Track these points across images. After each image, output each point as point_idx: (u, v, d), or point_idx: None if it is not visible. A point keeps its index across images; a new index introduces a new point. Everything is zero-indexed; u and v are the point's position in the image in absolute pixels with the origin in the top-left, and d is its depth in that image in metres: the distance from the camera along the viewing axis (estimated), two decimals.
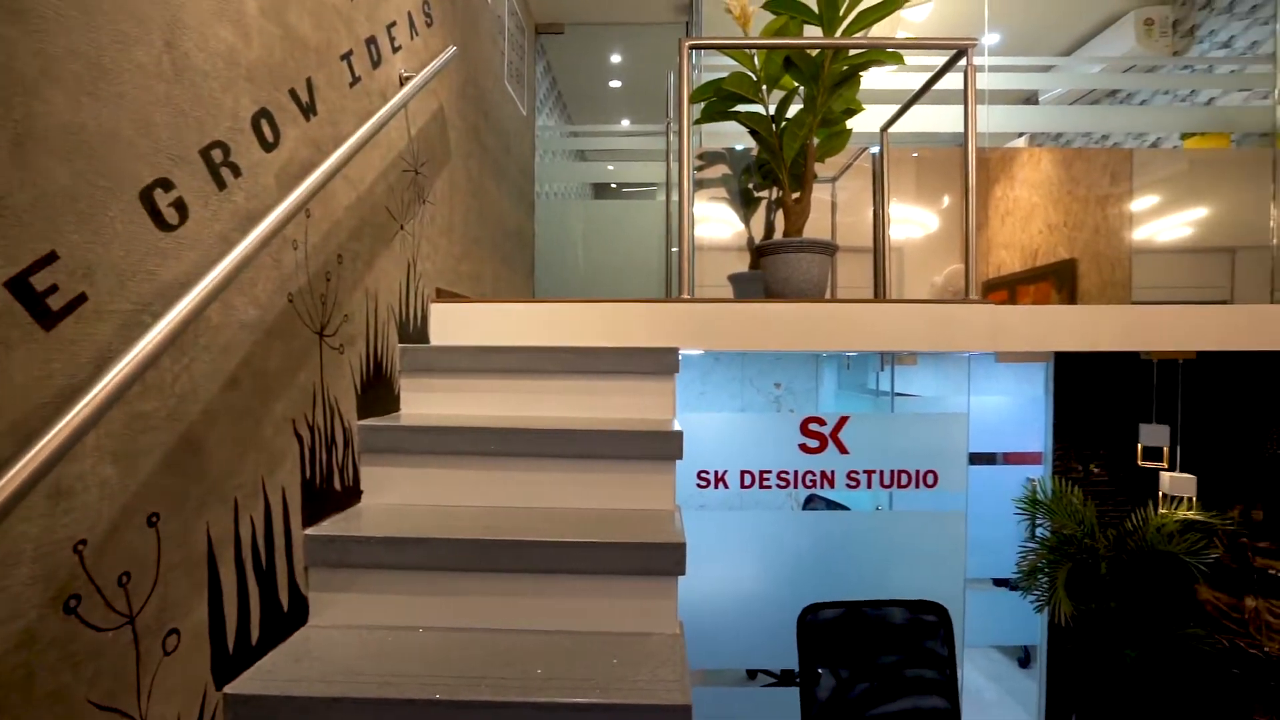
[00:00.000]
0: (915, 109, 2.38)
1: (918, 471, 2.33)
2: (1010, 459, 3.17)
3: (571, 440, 1.42)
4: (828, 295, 2.14)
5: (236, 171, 0.95)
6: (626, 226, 3.53)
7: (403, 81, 1.52)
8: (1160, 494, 2.54)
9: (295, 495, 1.13)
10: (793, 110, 2.05)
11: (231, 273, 0.84)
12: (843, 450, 2.28)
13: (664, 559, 1.21)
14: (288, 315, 1.09)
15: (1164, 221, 2.89)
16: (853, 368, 3.81)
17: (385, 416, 1.47)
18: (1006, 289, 2.96)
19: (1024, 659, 3.40)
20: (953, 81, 1.87)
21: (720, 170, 2.56)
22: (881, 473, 2.31)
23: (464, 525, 1.27)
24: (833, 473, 2.28)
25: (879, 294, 2.44)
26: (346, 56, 1.28)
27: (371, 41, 1.39)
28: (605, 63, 4.17)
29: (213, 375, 0.91)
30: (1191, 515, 2.43)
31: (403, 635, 1.17)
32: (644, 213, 3.57)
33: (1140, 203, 2.84)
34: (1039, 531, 2.71)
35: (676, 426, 1.43)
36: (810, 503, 2.85)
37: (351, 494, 1.34)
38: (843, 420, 2.29)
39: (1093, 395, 2.81)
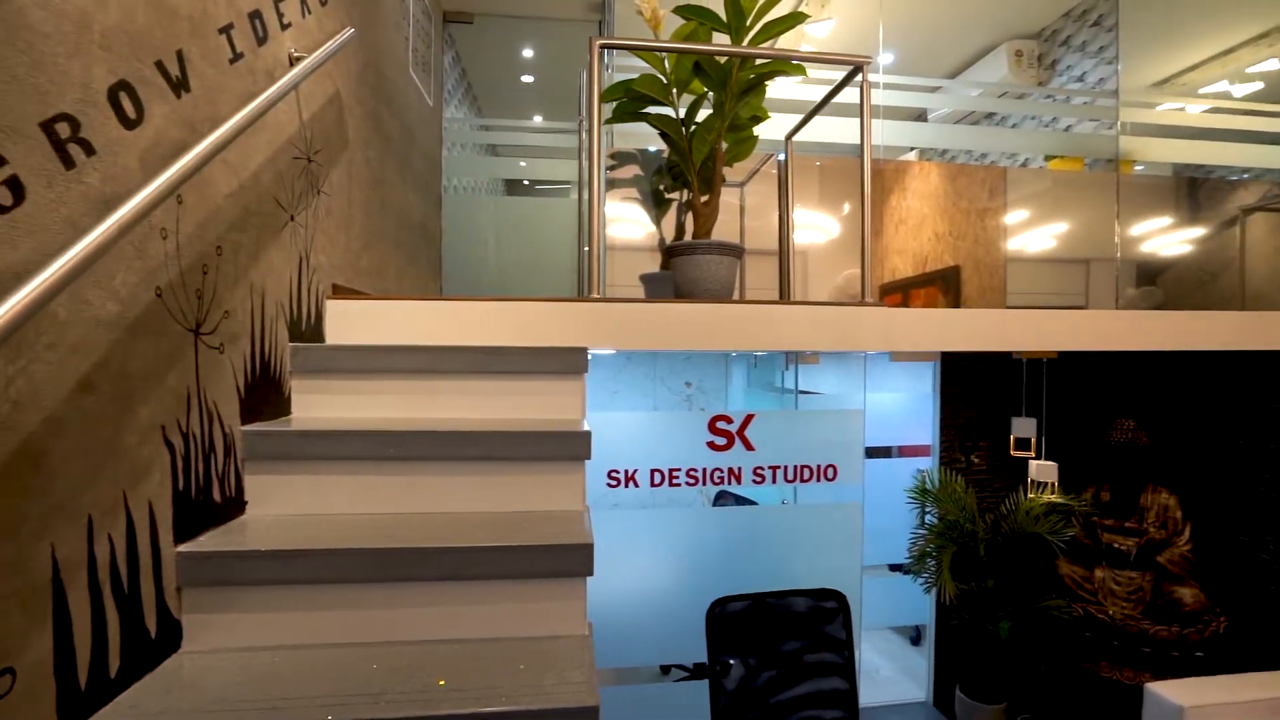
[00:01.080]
0: (818, 120, 2.49)
1: (819, 466, 2.45)
2: (904, 452, 3.39)
3: (477, 442, 1.38)
4: (735, 296, 2.20)
5: (89, 149, 0.85)
6: (539, 224, 3.48)
7: (293, 61, 1.42)
8: (1029, 480, 2.81)
9: (165, 509, 1.02)
10: (702, 115, 2.10)
11: (81, 263, 0.75)
12: (749, 447, 2.36)
13: (572, 560, 1.20)
14: (156, 311, 0.98)
15: (1032, 234, 3.19)
16: (760, 366, 3.95)
17: (274, 421, 1.37)
18: (900, 293, 3.16)
19: (916, 637, 3.65)
20: (852, 95, 1.97)
21: (632, 171, 2.58)
22: (785, 468, 2.41)
23: (361, 534, 1.20)
24: (739, 469, 2.36)
25: (784, 296, 2.54)
26: (226, 30, 1.18)
27: (256, 16, 1.29)
28: (517, 56, 4.09)
29: (58, 378, 0.81)
30: (1054, 499, 2.70)
31: (293, 655, 1.09)
32: (557, 211, 3.53)
33: (1013, 216, 3.12)
34: (928, 519, 2.93)
35: (585, 427, 1.43)
36: (721, 499, 2.93)
37: (234, 505, 1.23)
38: (748, 418, 2.37)
39: (973, 392, 3.06)
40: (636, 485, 2.30)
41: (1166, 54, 3.58)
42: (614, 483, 2.31)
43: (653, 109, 2.08)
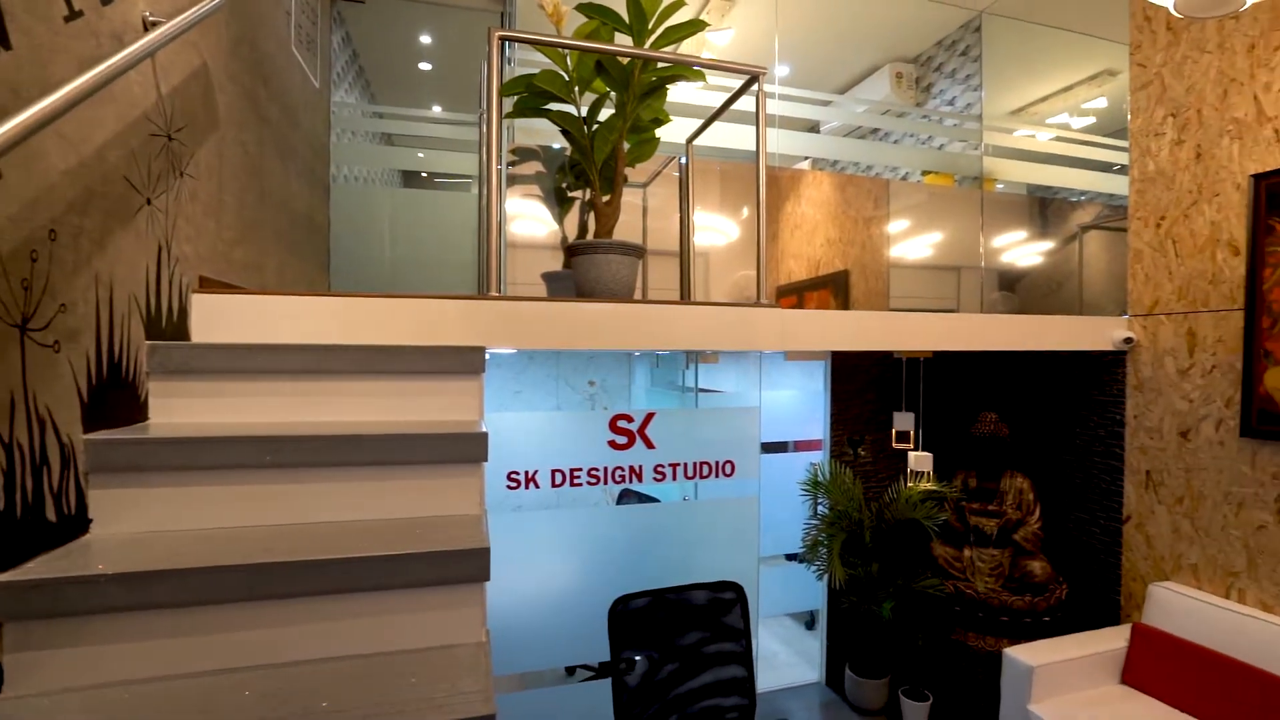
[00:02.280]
0: (720, 126, 2.57)
1: (718, 462, 2.53)
2: (800, 446, 3.56)
3: (366, 446, 1.30)
4: (637, 296, 2.22)
5: None
6: (438, 219, 3.35)
7: (148, 26, 1.28)
8: (908, 470, 3.03)
9: None
10: (604, 114, 2.10)
11: None
12: (649, 445, 2.40)
13: (467, 566, 1.16)
14: None
15: (911, 242, 3.45)
16: (663, 365, 4.02)
17: (126, 428, 1.22)
18: (795, 295, 3.32)
19: (810, 622, 3.85)
20: (751, 104, 2.04)
21: (535, 167, 2.54)
22: (685, 465, 2.47)
23: (232, 550, 1.10)
24: (640, 467, 2.39)
25: (684, 296, 2.59)
26: None
27: None
28: (414, 43, 3.92)
29: None
30: (929, 486, 2.93)
31: (148, 689, 0.98)
32: (457, 205, 3.41)
33: (895, 225, 3.36)
34: (820, 509, 3.09)
35: (483, 428, 1.39)
36: (624, 497, 2.95)
37: (74, 524, 1.09)
38: (649, 416, 2.41)
39: (860, 388, 3.26)
40: (537, 486, 2.27)
41: (1020, 86, 4.00)
42: (514, 484, 2.26)
43: (555, 105, 2.06)
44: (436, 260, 3.29)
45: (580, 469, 2.32)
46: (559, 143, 2.53)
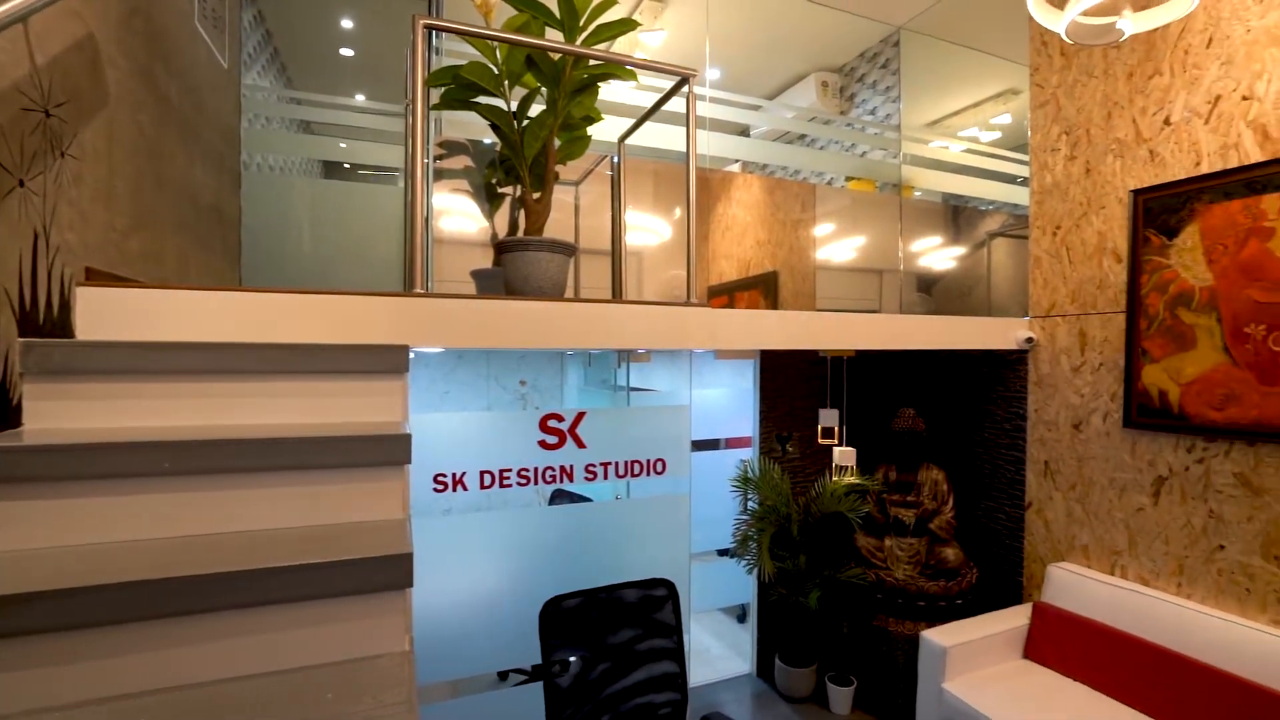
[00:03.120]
0: (654, 127, 2.58)
1: (649, 460, 2.55)
2: (731, 444, 3.63)
3: (278, 450, 1.23)
4: (569, 295, 2.20)
5: None
6: (362, 212, 3.20)
7: None
8: (833, 465, 3.15)
9: None
10: (535, 110, 2.07)
11: None
12: (580, 445, 2.39)
13: (389, 572, 1.12)
14: None
15: (837, 245, 3.58)
16: (595, 364, 4.01)
17: None
18: (727, 295, 3.38)
19: (742, 616, 3.94)
20: (682, 105, 2.06)
21: (464, 162, 2.47)
22: (617, 464, 2.47)
23: (127, 566, 1.02)
24: (572, 467, 2.38)
25: (616, 295, 2.59)
26: None
27: None
28: (334, 26, 3.74)
29: None
30: (853, 480, 3.05)
31: None
32: (384, 199, 3.28)
33: (821, 229, 3.47)
34: (750, 505, 3.17)
35: (407, 429, 1.34)
36: (557, 497, 2.93)
37: None
38: (580, 415, 2.39)
39: (788, 386, 3.36)
40: (465, 489, 2.21)
41: (935, 100, 4.23)
42: (441, 487, 2.20)
43: (484, 99, 2.01)
44: (360, 256, 3.15)
45: (510, 470, 2.28)
46: (489, 138, 2.47)
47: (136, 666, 0.98)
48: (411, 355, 1.61)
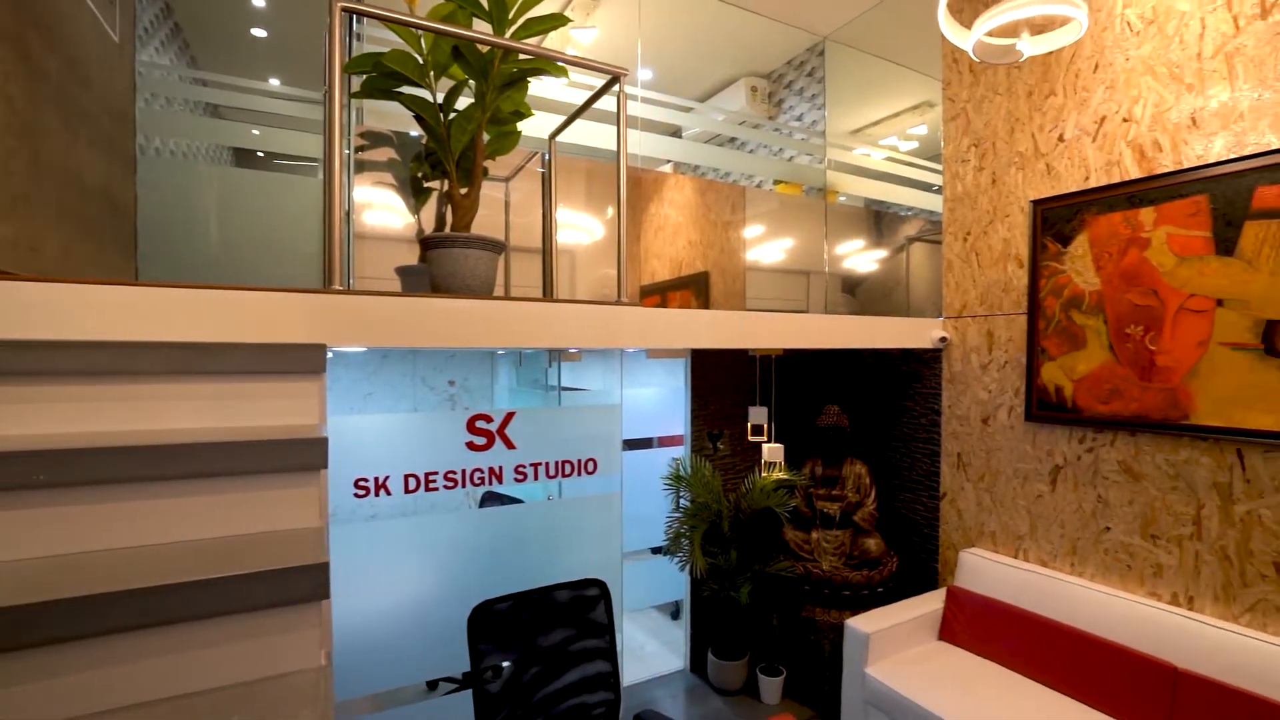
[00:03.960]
0: (588, 125, 2.56)
1: (580, 460, 2.53)
2: (664, 442, 3.66)
3: (178, 457, 1.15)
4: (498, 293, 2.16)
5: None
6: (279, 204, 3.02)
7: None
8: (763, 461, 3.23)
9: None
10: (463, 103, 2.01)
11: None
12: (510, 445, 2.34)
13: (302, 584, 1.06)
14: None
15: (766, 247, 3.67)
16: (526, 364, 3.95)
17: None
18: (659, 294, 3.40)
19: (675, 612, 3.97)
20: (615, 104, 2.06)
21: (388, 154, 2.38)
22: (547, 464, 2.45)
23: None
24: (501, 468, 2.33)
25: (547, 294, 2.56)
26: None
27: None
28: (244, 3, 3.51)
29: None
30: (781, 476, 3.14)
31: None
32: (302, 191, 3.10)
33: (750, 230, 3.55)
34: (682, 503, 3.20)
35: (323, 432, 1.27)
36: (488, 500, 2.86)
37: None
38: (509, 416, 2.35)
39: (718, 385, 3.42)
40: (388, 493, 2.13)
41: (858, 109, 4.41)
42: (362, 492, 2.11)
43: (408, 89, 1.94)
44: (275, 250, 2.97)
45: (436, 473, 2.21)
46: (416, 130, 2.39)
47: (19, 700, 0.89)
48: (330, 355, 1.53)
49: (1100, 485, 2.44)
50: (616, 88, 1.99)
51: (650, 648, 3.66)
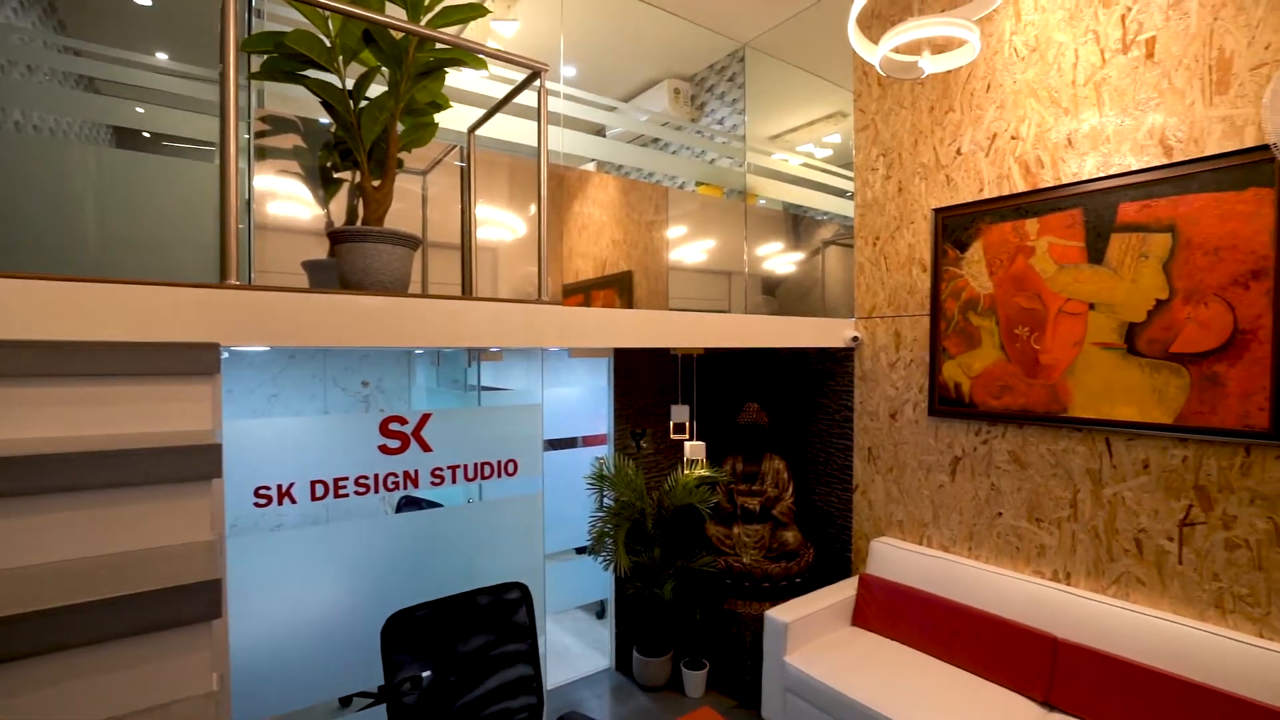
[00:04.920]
0: (511, 120, 2.50)
1: (500, 461, 2.48)
2: (588, 441, 3.65)
3: (51, 468, 1.03)
4: (416, 290, 2.08)
5: None
6: (170, 190, 2.78)
7: None
8: (685, 459, 3.28)
9: None
10: (375, 91, 1.92)
11: None
12: (426, 448, 2.26)
13: (191, 603, 0.98)
14: None
15: (688, 247, 3.73)
16: (445, 364, 3.83)
17: None
18: (583, 293, 3.38)
19: (601, 612, 3.97)
20: (551, 102, 2.02)
21: (294, 140, 2.24)
22: (466, 466, 2.38)
23: None
24: (417, 472, 2.24)
25: (466, 291, 2.49)
26: None
27: None
28: None
29: None
30: (703, 473, 3.20)
31: None
32: (198, 176, 2.86)
33: (673, 230, 3.60)
34: (605, 502, 3.20)
35: (217, 438, 1.18)
36: (405, 505, 2.75)
37: None
38: (425, 418, 2.27)
39: (641, 383, 3.45)
40: (293, 501, 2.00)
41: (776, 115, 4.57)
42: (263, 501, 1.97)
43: (314, 73, 1.83)
44: (167, 240, 2.72)
45: (346, 478, 2.10)
46: (325, 117, 2.26)
47: None
48: (225, 355, 1.43)
49: (993, 474, 2.64)
50: (538, 83, 1.96)
51: (576, 648, 3.64)
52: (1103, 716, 2.06)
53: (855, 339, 3.21)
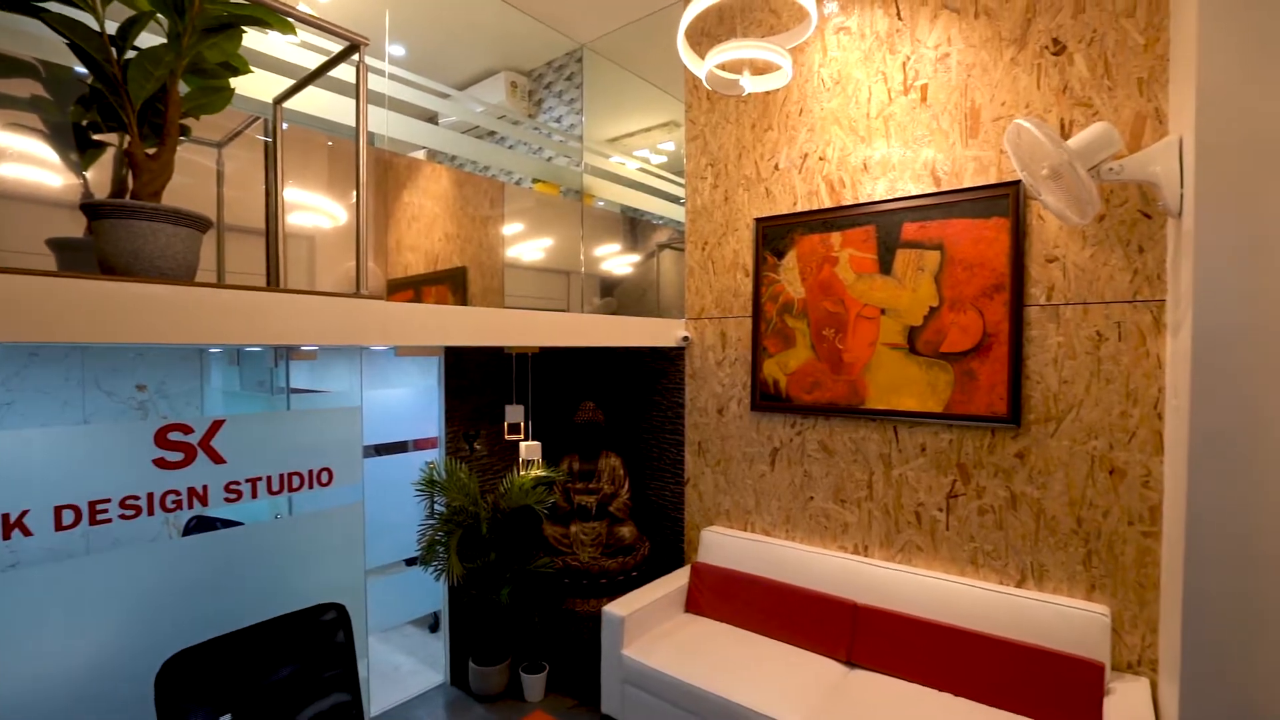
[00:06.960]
0: (333, 98, 2.26)
1: (312, 471, 2.23)
2: (420, 445, 3.43)
3: None
4: (207, 279, 1.80)
5: None
6: None
7: None
8: (521, 459, 3.22)
9: None
10: (151, 41, 1.63)
11: None
12: (218, 459, 1.96)
13: None
14: None
15: (525, 245, 3.67)
16: (246, 364, 3.38)
17: None
18: (413, 289, 3.17)
19: (434, 625, 3.76)
20: (374, 81, 1.85)
21: (35, 89, 1.83)
22: (269, 478, 2.10)
23: None
24: (205, 487, 1.93)
25: (272, 283, 2.22)
26: None
27: None
28: None
29: None
30: (539, 473, 3.16)
31: None
32: None
33: (509, 227, 3.52)
34: (437, 508, 3.04)
35: None
36: (196, 526, 2.38)
37: None
38: (217, 424, 1.97)
39: (474, 383, 3.33)
40: (27, 533, 1.62)
41: (613, 119, 4.66)
42: None
43: (56, 6, 1.51)
44: None
45: (107, 500, 1.74)
46: (80, 64, 1.87)
47: None
48: None
49: (806, 462, 2.93)
50: (356, 57, 1.80)
51: (408, 666, 3.41)
52: (892, 667, 2.38)
53: (686, 339, 3.37)
